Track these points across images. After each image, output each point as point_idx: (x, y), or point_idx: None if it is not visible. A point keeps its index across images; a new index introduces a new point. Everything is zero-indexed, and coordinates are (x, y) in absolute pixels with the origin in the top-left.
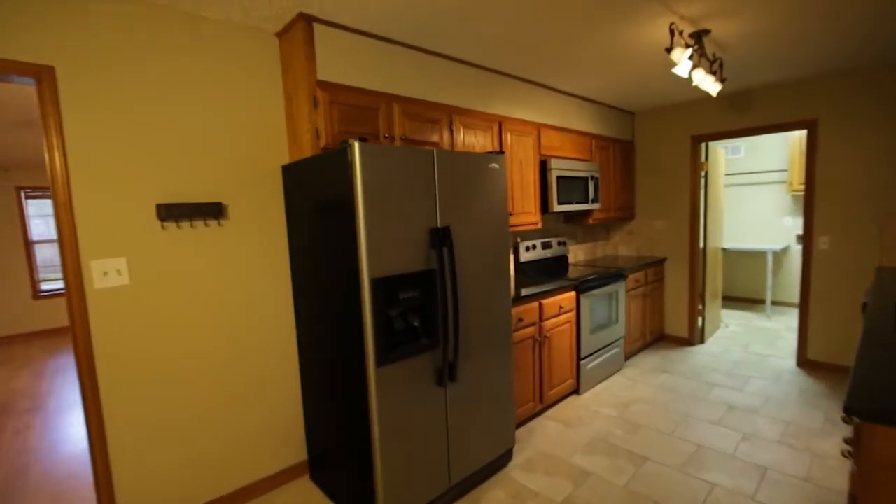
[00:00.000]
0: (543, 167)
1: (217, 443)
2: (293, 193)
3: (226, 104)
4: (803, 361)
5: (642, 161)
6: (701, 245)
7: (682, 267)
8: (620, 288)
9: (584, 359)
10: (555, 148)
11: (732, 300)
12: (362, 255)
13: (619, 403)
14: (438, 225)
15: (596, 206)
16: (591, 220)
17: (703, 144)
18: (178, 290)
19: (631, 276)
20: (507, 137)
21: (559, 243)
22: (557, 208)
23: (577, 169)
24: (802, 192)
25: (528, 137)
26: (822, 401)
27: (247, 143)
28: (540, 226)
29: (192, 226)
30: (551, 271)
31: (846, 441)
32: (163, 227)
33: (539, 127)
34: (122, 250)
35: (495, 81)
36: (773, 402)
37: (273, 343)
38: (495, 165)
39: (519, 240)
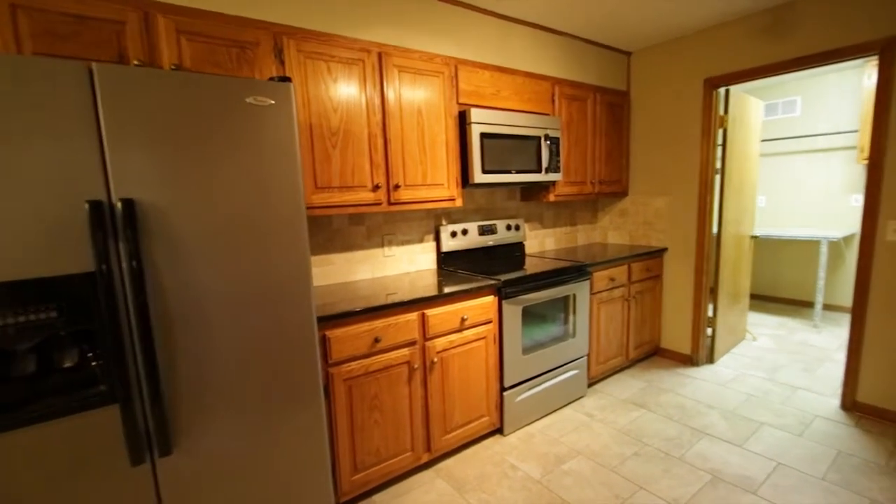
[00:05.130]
0: (463, 121)
1: None
2: None
3: None
4: (850, 403)
5: (640, 118)
6: (714, 230)
7: (687, 261)
8: (580, 290)
9: (510, 388)
10: (485, 95)
11: (775, 301)
12: None
13: (551, 455)
14: (110, 198)
15: (555, 176)
16: (551, 197)
17: (723, 92)
18: None
19: (602, 273)
20: (394, 76)
21: (510, 227)
22: (482, 178)
23: (520, 125)
24: None
25: (434, 77)
26: (868, 479)
27: None
28: (459, 203)
29: None
30: (492, 265)
31: None
32: None
33: (456, 63)
34: None
35: None
36: (786, 474)
37: None
38: (264, 101)
39: (443, 222)
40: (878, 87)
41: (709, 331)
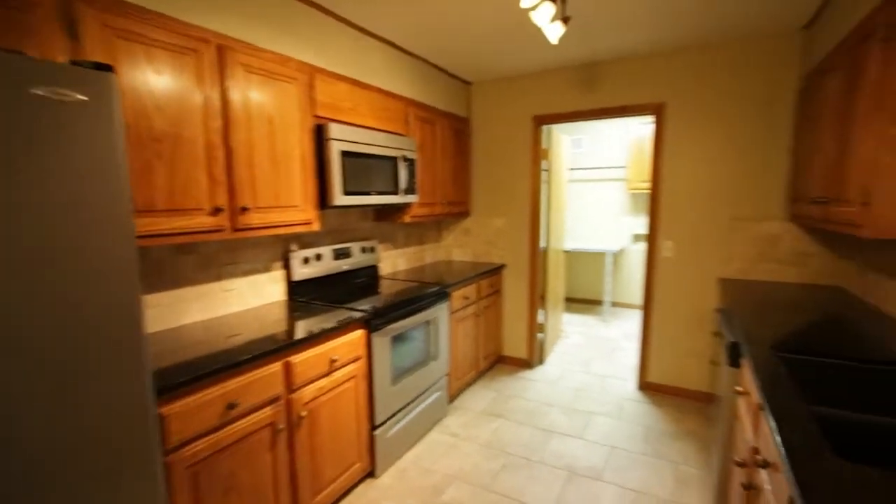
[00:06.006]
0: (321, 136)
1: None
2: None
3: None
4: (644, 384)
5: (480, 144)
6: (542, 246)
7: (522, 274)
8: (442, 311)
9: (381, 425)
10: (343, 109)
11: (572, 301)
12: None
13: (428, 488)
14: None
15: (412, 198)
16: (407, 218)
17: (546, 129)
18: None
19: (458, 293)
20: (240, 76)
21: (364, 249)
22: (343, 200)
23: (381, 144)
24: (640, 191)
25: (287, 84)
26: (668, 446)
27: None
28: (316, 227)
29: None
30: (350, 292)
31: None
32: None
33: (313, 71)
34: None
35: None
36: (618, 455)
37: None
38: (67, 95)
39: (294, 247)
40: (655, 140)
41: (540, 335)
